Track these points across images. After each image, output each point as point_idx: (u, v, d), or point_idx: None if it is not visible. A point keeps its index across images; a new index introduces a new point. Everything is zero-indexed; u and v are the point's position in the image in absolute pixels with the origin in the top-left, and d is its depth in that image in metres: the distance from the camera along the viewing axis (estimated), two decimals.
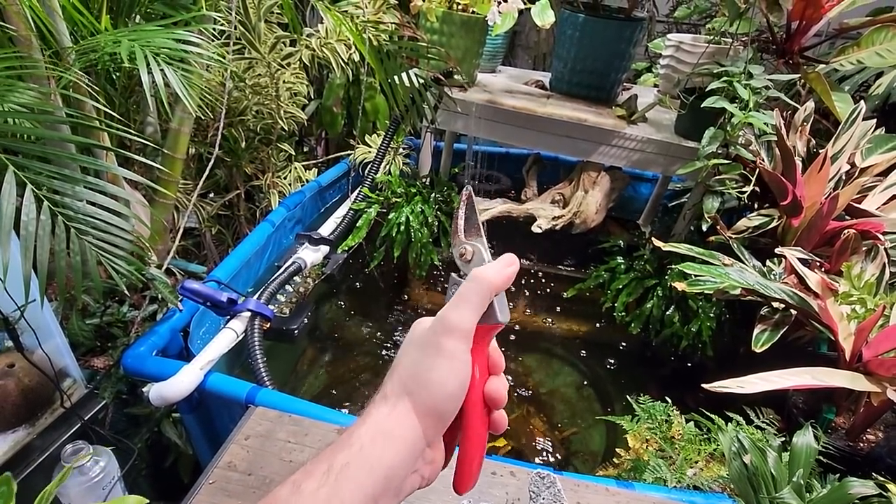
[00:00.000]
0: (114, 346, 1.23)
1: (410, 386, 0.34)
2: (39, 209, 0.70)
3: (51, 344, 0.98)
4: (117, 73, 1.26)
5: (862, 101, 1.44)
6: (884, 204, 1.37)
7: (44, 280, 0.73)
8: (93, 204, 0.82)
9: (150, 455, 1.25)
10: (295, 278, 1.54)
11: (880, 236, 1.23)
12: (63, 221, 0.73)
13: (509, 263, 0.37)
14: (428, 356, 0.34)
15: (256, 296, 1.29)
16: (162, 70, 0.88)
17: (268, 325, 1.26)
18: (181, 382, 1.01)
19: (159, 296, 1.18)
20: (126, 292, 0.97)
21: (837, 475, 0.92)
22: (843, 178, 1.41)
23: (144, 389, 1.03)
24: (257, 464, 0.76)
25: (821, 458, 0.96)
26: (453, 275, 0.40)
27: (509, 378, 1.66)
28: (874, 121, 1.46)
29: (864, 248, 1.23)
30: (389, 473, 0.32)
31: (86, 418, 1.03)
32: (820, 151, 1.38)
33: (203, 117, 1.66)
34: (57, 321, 1.00)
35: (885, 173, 1.41)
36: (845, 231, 1.23)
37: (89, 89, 0.98)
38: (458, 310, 0.35)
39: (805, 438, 0.83)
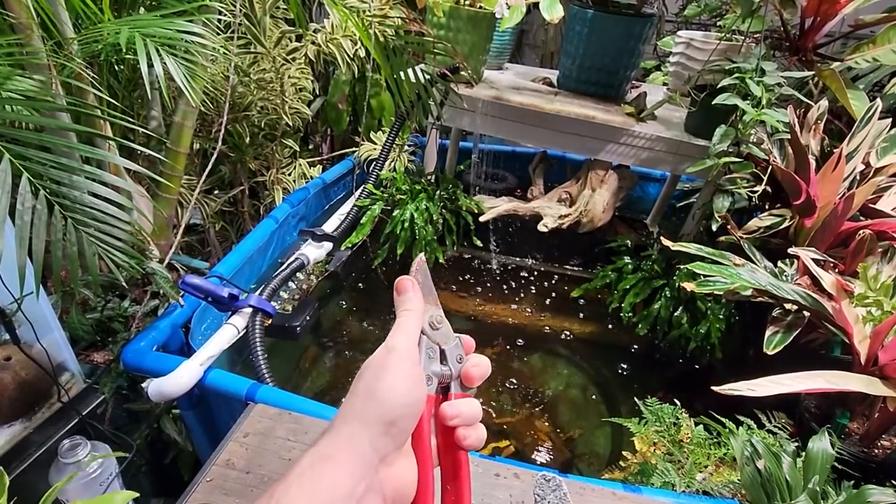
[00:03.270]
0: (114, 341, 1.22)
1: (359, 403, 0.35)
2: (36, 198, 0.69)
3: (49, 338, 0.97)
4: (121, 66, 1.25)
5: (878, 100, 1.41)
6: None
7: (39, 271, 0.72)
8: (93, 195, 0.81)
9: (149, 451, 1.24)
10: (298, 275, 1.52)
11: None
12: (60, 211, 0.72)
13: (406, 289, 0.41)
14: (376, 373, 0.36)
15: (259, 292, 1.28)
16: (163, 61, 0.87)
17: (269, 322, 1.24)
18: (181, 378, 1.00)
19: (161, 291, 1.16)
20: (126, 286, 0.96)
21: (852, 482, 0.89)
22: (858, 177, 1.38)
23: (144, 385, 1.02)
24: (256, 462, 0.75)
25: (834, 464, 0.94)
26: (423, 336, 0.41)
27: (513, 379, 1.64)
28: (889, 120, 1.43)
29: (879, 250, 1.20)
30: (331, 496, 0.31)
31: (84, 413, 1.02)
32: (834, 151, 1.35)
33: (207, 112, 1.65)
34: (56, 315, 0.99)
35: None
36: (861, 231, 1.20)
37: (92, 80, 0.97)
38: (397, 334, 0.38)
39: (821, 444, 0.80)
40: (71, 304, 1.12)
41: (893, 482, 0.87)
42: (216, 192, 1.93)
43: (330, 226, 1.69)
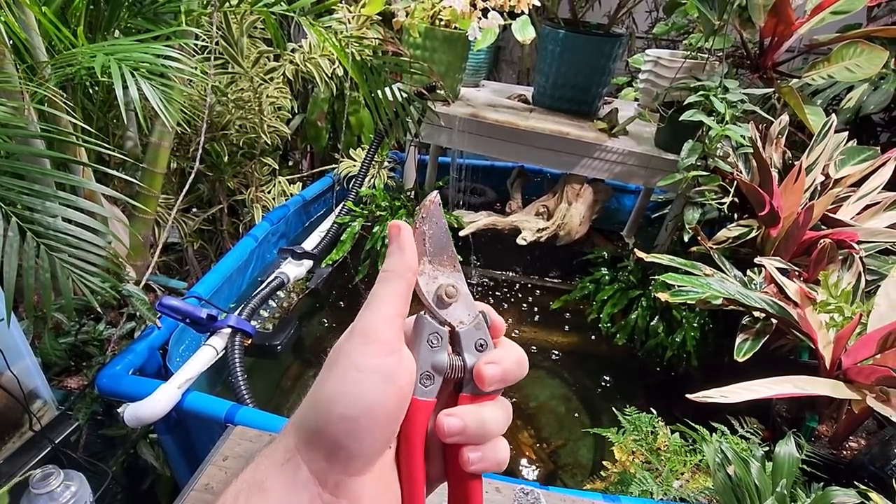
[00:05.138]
0: (89, 366, 1.20)
1: (303, 410, 0.27)
2: (7, 224, 0.68)
3: (20, 365, 0.95)
4: (95, 88, 1.24)
5: (833, 115, 1.49)
6: (858, 214, 1.41)
7: (10, 299, 0.71)
8: (67, 220, 0.80)
9: (126, 478, 1.21)
10: (278, 293, 1.52)
11: (855, 245, 1.25)
12: (32, 237, 0.71)
13: (398, 228, 0.29)
14: (326, 368, 0.27)
15: (238, 312, 1.27)
16: (138, 85, 0.87)
17: (249, 342, 1.24)
18: (158, 402, 0.98)
19: (137, 313, 1.15)
20: (100, 310, 0.95)
21: (822, 484, 0.93)
22: (818, 188, 1.44)
23: (119, 410, 1.01)
24: None
25: (805, 466, 0.97)
26: (425, 316, 0.29)
27: None
28: (846, 133, 1.51)
29: (840, 257, 1.25)
30: None
31: (57, 441, 1.00)
32: (795, 163, 1.41)
33: (185, 131, 1.65)
34: (27, 340, 0.97)
35: (857, 184, 1.45)
36: (821, 241, 1.25)
37: (65, 104, 0.96)
38: (365, 309, 0.27)
39: (787, 448, 0.83)
40: (43, 329, 1.10)
41: (860, 483, 0.90)
42: (194, 210, 1.92)
43: (310, 243, 1.69)
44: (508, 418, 0.29)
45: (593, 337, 1.80)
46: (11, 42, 0.95)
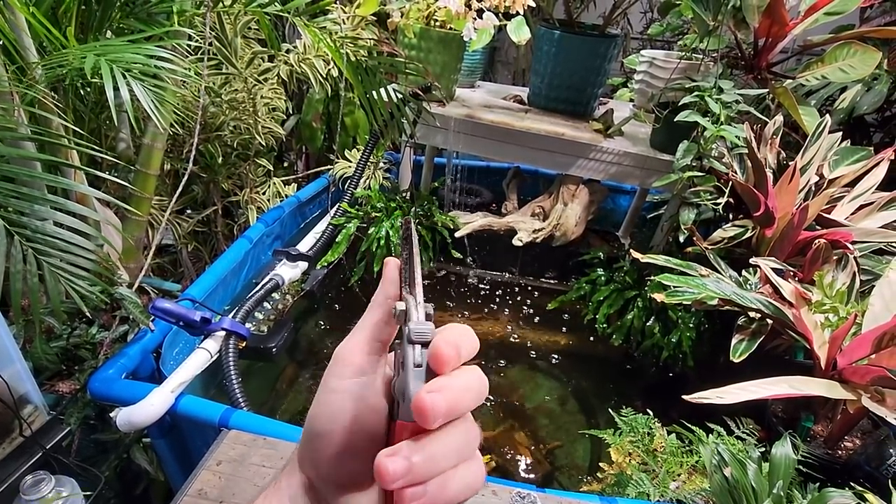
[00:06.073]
0: (81, 370, 1.19)
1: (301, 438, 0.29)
2: None
3: (10, 369, 0.93)
4: (87, 89, 1.23)
5: (827, 115, 1.49)
6: (852, 214, 1.41)
7: None
8: (57, 224, 0.79)
9: (119, 483, 1.20)
10: (273, 295, 1.51)
11: (849, 245, 1.26)
12: (20, 241, 0.70)
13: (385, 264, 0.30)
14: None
15: (232, 314, 1.26)
16: (130, 86, 0.86)
17: (244, 344, 1.23)
18: (151, 406, 0.98)
19: (130, 316, 1.14)
20: (88, 314, 0.94)
21: (818, 484, 0.93)
22: (813, 189, 1.45)
23: (112, 414, 1.00)
24: (229, 490, 0.74)
25: (800, 466, 0.97)
26: (404, 342, 0.27)
27: (491, 395, 1.64)
28: (840, 133, 1.51)
29: (834, 258, 1.25)
30: None
31: (49, 446, 0.98)
32: (790, 163, 1.41)
33: (178, 133, 1.64)
34: (18, 345, 0.96)
35: (851, 184, 1.46)
36: (816, 241, 1.25)
37: (56, 106, 0.95)
38: (344, 340, 0.28)
39: (784, 449, 0.83)
40: (34, 333, 1.08)
41: (855, 483, 0.91)
42: (188, 212, 1.91)
43: (305, 245, 1.69)
44: (472, 440, 0.23)
45: (590, 338, 1.80)
46: (1, 43, 0.94)
